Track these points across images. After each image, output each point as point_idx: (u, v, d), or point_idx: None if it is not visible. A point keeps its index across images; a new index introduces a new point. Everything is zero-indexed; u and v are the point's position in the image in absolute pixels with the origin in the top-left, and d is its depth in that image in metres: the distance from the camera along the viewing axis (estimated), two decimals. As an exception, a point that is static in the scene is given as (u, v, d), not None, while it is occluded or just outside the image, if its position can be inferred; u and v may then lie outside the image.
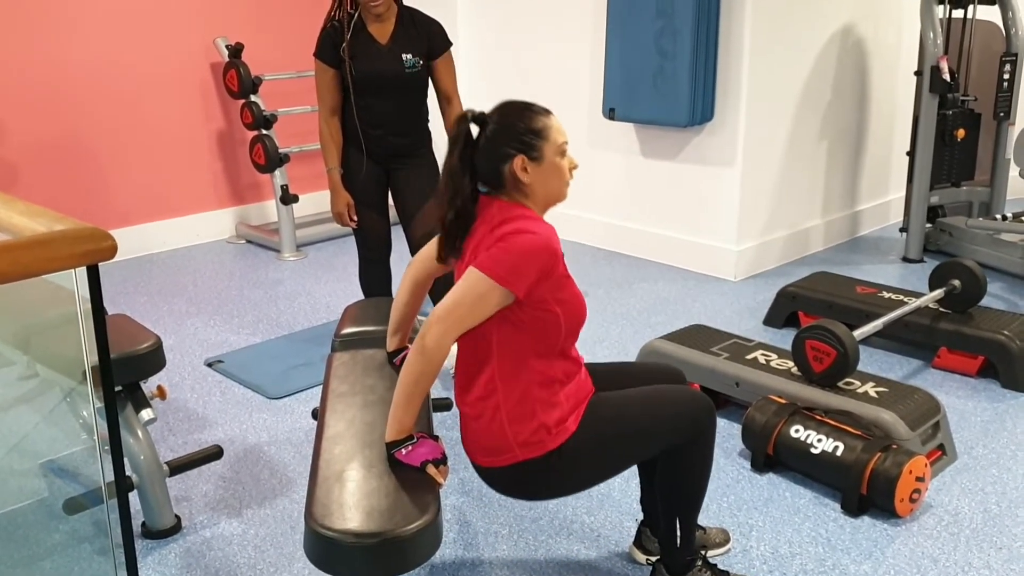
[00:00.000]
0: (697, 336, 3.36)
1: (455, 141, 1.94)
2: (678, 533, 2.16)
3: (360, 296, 3.79)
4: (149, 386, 2.57)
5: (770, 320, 4.07)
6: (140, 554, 2.45)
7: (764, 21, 4.43)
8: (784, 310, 4.00)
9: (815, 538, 2.51)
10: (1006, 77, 4.75)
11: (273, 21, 5.55)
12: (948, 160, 4.85)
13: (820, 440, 2.69)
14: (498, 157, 1.93)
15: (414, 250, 3.43)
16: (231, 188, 5.62)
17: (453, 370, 3.42)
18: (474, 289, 1.85)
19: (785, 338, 3.81)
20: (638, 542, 2.41)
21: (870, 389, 2.92)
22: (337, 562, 1.68)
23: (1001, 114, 4.80)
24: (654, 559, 2.30)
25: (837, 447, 2.65)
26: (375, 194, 3.46)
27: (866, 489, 2.58)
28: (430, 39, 3.33)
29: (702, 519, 2.52)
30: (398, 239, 3.52)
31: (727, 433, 3.08)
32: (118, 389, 2.44)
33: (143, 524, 2.54)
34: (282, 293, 4.59)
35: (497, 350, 1.94)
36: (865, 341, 3.32)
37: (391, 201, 3.51)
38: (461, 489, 2.72)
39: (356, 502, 1.75)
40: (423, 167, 3.45)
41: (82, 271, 1.54)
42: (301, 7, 5.56)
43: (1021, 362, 3.36)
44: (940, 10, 4.72)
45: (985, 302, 3.83)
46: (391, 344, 2.35)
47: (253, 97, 5.11)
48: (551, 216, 2.04)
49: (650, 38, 4.49)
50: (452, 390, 3.35)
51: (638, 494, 2.44)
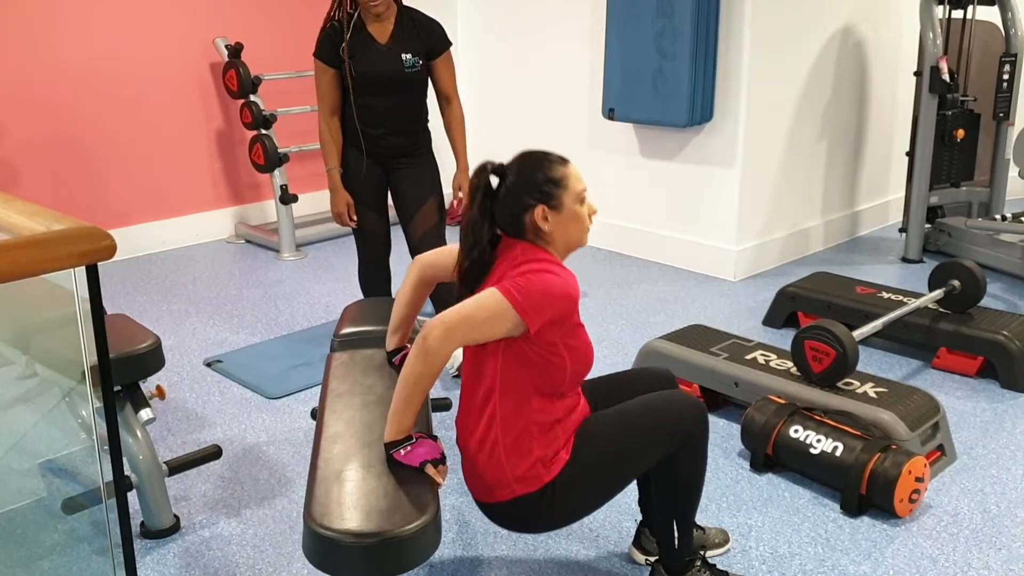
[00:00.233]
0: (696, 336, 3.36)
1: (475, 192, 1.98)
2: (676, 534, 2.17)
3: (359, 296, 3.79)
4: (148, 386, 2.56)
5: (769, 320, 4.07)
6: (139, 554, 2.44)
7: (764, 21, 4.43)
8: (783, 310, 4.00)
9: (814, 538, 2.51)
10: (1005, 77, 4.75)
11: (273, 21, 5.55)
12: (947, 160, 4.86)
13: (819, 440, 2.69)
14: (519, 207, 1.96)
15: (414, 250, 3.43)
16: (230, 188, 5.62)
17: (453, 370, 3.46)
18: (490, 308, 1.86)
19: (784, 338, 3.81)
20: (637, 542, 2.41)
21: (869, 389, 2.91)
22: (336, 562, 1.68)
23: (1000, 114, 4.80)
24: (653, 559, 2.30)
25: (836, 447, 2.65)
26: (375, 194, 3.46)
27: (865, 489, 2.58)
28: (429, 39, 3.34)
29: (701, 519, 2.52)
30: (398, 239, 3.52)
31: (726, 433, 3.08)
32: (117, 389, 2.44)
33: (142, 524, 2.54)
34: (281, 293, 4.59)
35: (500, 386, 1.95)
36: (864, 341, 3.32)
37: (391, 201, 3.51)
38: (460, 489, 2.72)
39: (355, 502, 1.75)
40: (423, 167, 3.46)
41: (81, 271, 1.53)
42: (301, 7, 5.56)
43: (1020, 362, 3.37)
44: (940, 10, 4.72)
45: (984, 302, 3.84)
46: (390, 343, 2.35)
47: (252, 97, 5.10)
48: None
49: (650, 38, 4.50)
50: (452, 390, 3.38)
51: (636, 494, 2.44)
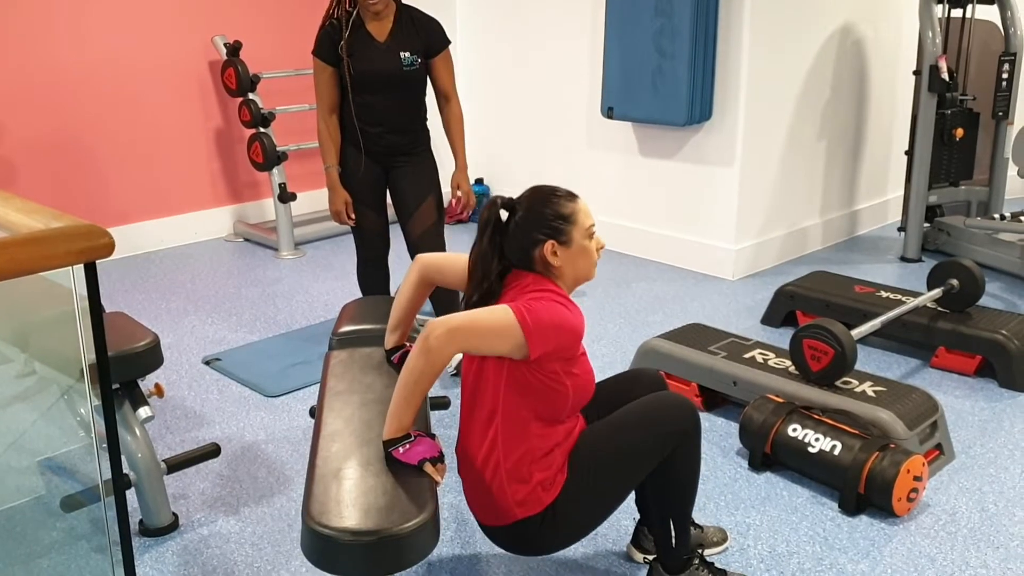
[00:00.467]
0: (695, 335, 3.36)
1: (485, 226, 2.01)
2: (673, 533, 2.17)
3: (358, 294, 3.79)
4: (147, 384, 2.56)
5: (768, 319, 4.07)
6: (137, 552, 2.44)
7: (763, 20, 4.43)
8: (782, 309, 4.00)
9: (812, 537, 2.51)
10: (1005, 76, 4.76)
11: (271, 19, 5.55)
12: (947, 159, 4.86)
13: (818, 439, 2.69)
14: (528, 242, 1.99)
15: (412, 248, 3.43)
16: (229, 186, 5.62)
17: (452, 369, 3.46)
18: (497, 321, 1.87)
19: (783, 337, 3.81)
20: (635, 541, 2.41)
21: (868, 388, 2.92)
22: (334, 560, 1.68)
23: (1000, 113, 4.80)
24: (651, 558, 2.30)
25: (835, 446, 2.65)
26: (373, 192, 3.45)
27: (864, 488, 2.58)
28: (428, 37, 3.33)
29: (699, 518, 2.52)
30: (396, 237, 3.52)
31: (724, 432, 3.09)
32: (116, 387, 2.44)
33: (140, 522, 2.54)
34: (280, 291, 4.59)
35: (502, 410, 1.96)
36: (863, 340, 3.32)
37: (390, 199, 3.51)
38: (458, 487, 2.70)
39: (353, 500, 1.75)
40: (421, 165, 3.45)
41: (79, 268, 1.53)
42: (299, 5, 5.55)
43: (1019, 362, 3.37)
44: (939, 9, 4.72)
45: (983, 302, 3.84)
46: (389, 341, 2.35)
47: (251, 95, 5.10)
48: None
49: (649, 37, 4.49)
50: (450, 389, 3.38)
51: (634, 493, 2.44)
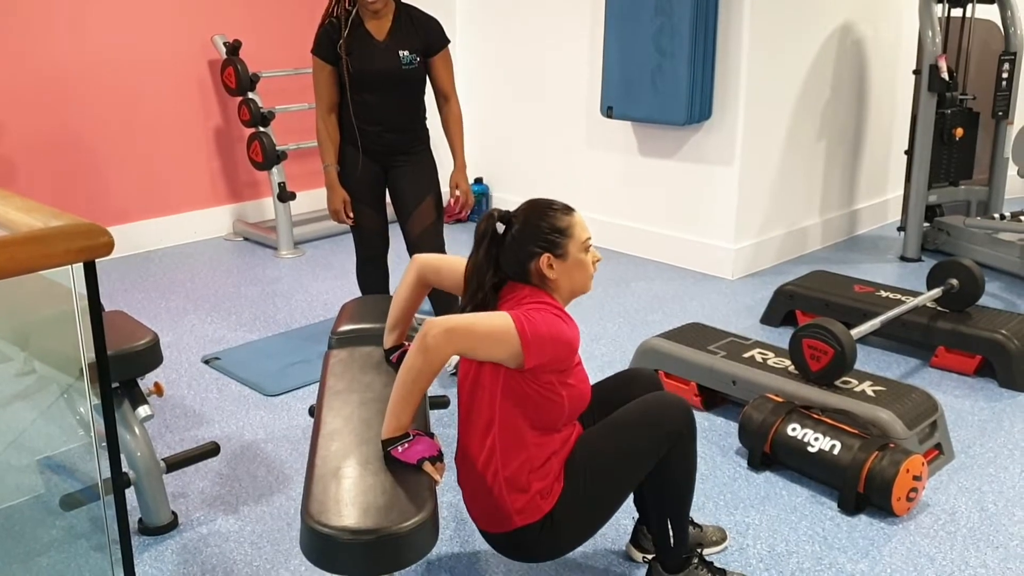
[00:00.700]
0: (694, 334, 3.36)
1: (481, 238, 2.02)
2: (671, 532, 2.17)
3: (357, 293, 3.79)
4: (146, 383, 2.56)
5: (767, 319, 4.07)
6: (136, 550, 2.44)
7: (763, 20, 4.43)
8: (781, 309, 4.00)
9: (812, 536, 2.51)
10: (1004, 76, 4.75)
11: (271, 18, 5.54)
12: (946, 159, 4.86)
13: (817, 439, 2.69)
14: (525, 255, 2.00)
15: (411, 247, 3.43)
16: (228, 185, 5.62)
17: (451, 368, 3.46)
18: (496, 327, 1.88)
19: (782, 336, 3.81)
20: (635, 540, 2.41)
21: (867, 388, 2.92)
22: (333, 559, 1.68)
23: (999, 113, 4.80)
24: (650, 557, 2.30)
25: (834, 446, 2.65)
26: (372, 191, 3.45)
27: (863, 488, 2.58)
28: (427, 36, 3.33)
29: (698, 517, 2.52)
30: (395, 236, 3.52)
31: (724, 431, 3.09)
32: (115, 386, 2.44)
33: (140, 520, 2.54)
34: (279, 290, 4.59)
35: (499, 419, 1.97)
36: (863, 340, 3.32)
37: (389, 199, 3.51)
38: (457, 486, 2.71)
39: (352, 499, 1.75)
40: (421, 164, 3.45)
41: (79, 267, 1.53)
42: (299, 4, 5.55)
43: (1019, 361, 3.37)
44: (939, 9, 4.72)
45: (983, 301, 3.84)
46: (388, 340, 2.35)
47: (251, 94, 5.10)
48: None
49: (648, 36, 4.49)
50: (449, 388, 3.38)
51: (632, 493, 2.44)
